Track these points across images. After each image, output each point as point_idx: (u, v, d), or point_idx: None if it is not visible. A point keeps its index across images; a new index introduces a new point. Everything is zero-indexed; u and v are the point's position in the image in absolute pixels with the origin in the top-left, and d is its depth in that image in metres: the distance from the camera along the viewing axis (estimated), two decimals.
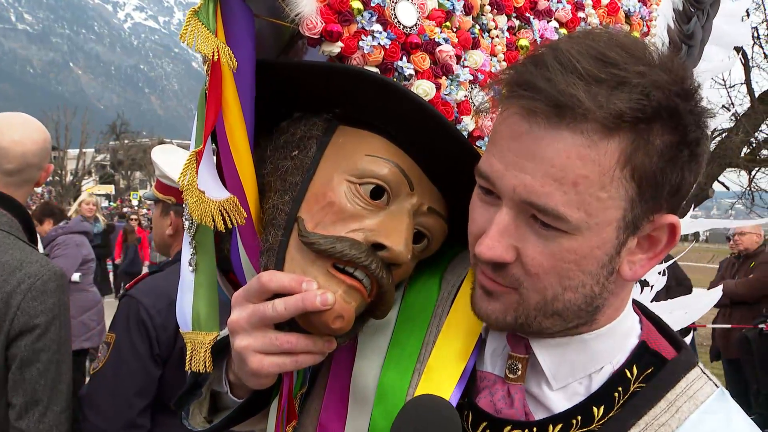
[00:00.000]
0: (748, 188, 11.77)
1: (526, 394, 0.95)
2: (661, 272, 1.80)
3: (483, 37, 1.18)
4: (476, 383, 1.00)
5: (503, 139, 0.85)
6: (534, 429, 0.92)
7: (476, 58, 1.14)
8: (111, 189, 52.40)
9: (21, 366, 2.13)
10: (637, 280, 1.25)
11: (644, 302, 1.13)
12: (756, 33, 10.85)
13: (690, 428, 0.88)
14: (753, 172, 11.71)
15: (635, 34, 1.39)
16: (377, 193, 1.02)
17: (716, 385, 0.94)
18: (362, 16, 1.04)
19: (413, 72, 1.06)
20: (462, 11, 1.15)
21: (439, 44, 1.09)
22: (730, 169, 11.45)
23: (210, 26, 0.98)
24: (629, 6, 1.40)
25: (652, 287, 1.76)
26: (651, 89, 0.79)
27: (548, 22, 1.27)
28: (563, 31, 1.29)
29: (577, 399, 0.93)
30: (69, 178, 49.56)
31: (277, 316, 0.95)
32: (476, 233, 0.90)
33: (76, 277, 6.07)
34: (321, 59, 1.06)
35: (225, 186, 1.07)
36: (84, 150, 54.79)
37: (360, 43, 1.03)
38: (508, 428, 0.93)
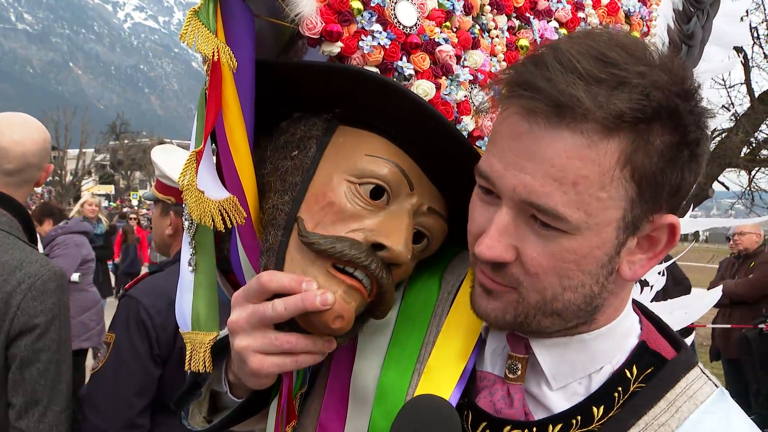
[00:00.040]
0: (748, 188, 11.78)
1: (526, 394, 0.95)
2: (661, 272, 1.80)
3: (483, 37, 1.18)
4: (476, 383, 0.99)
5: (503, 139, 0.85)
6: (534, 429, 0.92)
7: (476, 58, 1.14)
8: (111, 189, 52.45)
9: (21, 366, 2.13)
10: (637, 281, 1.25)
11: (644, 302, 1.12)
12: (756, 33, 10.85)
13: (690, 428, 0.88)
14: (753, 172, 11.72)
15: (635, 34, 1.39)
16: (377, 193, 1.02)
17: (716, 385, 0.94)
18: (362, 16, 1.04)
19: (413, 72, 1.06)
20: (462, 11, 1.15)
21: (439, 44, 1.09)
22: (730, 169, 11.46)
23: (210, 26, 0.98)
24: (629, 6, 1.40)
25: (652, 287, 1.76)
26: (651, 89, 0.78)
27: (548, 22, 1.27)
28: (563, 31, 1.29)
29: (577, 399, 0.93)
30: (69, 178, 49.57)
31: (277, 317, 0.95)
32: (476, 233, 0.90)
33: (76, 277, 6.07)
34: (321, 59, 1.06)
35: (225, 186, 1.07)
36: (84, 150, 54.80)
37: (360, 43, 1.03)
38: (508, 428, 0.93)
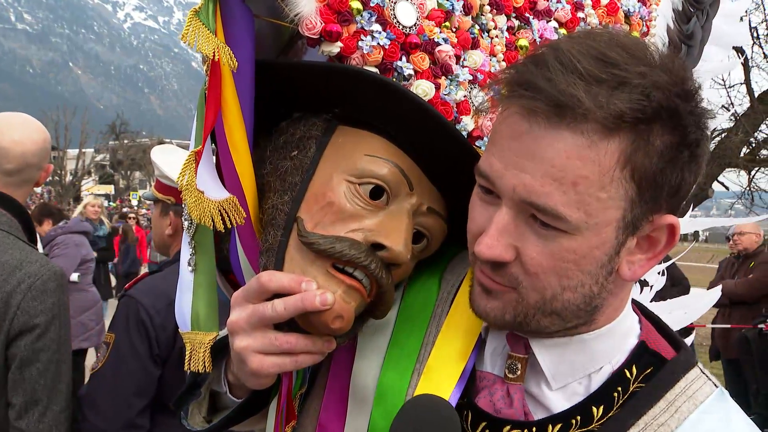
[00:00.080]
0: (748, 188, 11.78)
1: (526, 394, 0.95)
2: (661, 272, 1.80)
3: (482, 37, 1.18)
4: (476, 383, 0.99)
5: (503, 139, 0.85)
6: (533, 429, 0.92)
7: (475, 58, 1.14)
8: (110, 189, 52.45)
9: (21, 366, 2.13)
10: (636, 281, 1.25)
11: (643, 302, 1.13)
12: (755, 33, 10.85)
13: (689, 428, 0.88)
14: (752, 172, 11.72)
15: (635, 34, 1.39)
16: (377, 193, 1.02)
17: (715, 385, 0.94)
18: (361, 16, 1.04)
19: (412, 72, 1.06)
20: (461, 11, 1.15)
21: (439, 44, 1.09)
22: (730, 169, 11.46)
23: (210, 26, 0.98)
24: (629, 6, 1.40)
25: (652, 287, 1.76)
26: (651, 90, 0.78)
27: (548, 22, 1.27)
28: (563, 31, 1.29)
29: (577, 399, 0.93)
30: (68, 178, 49.57)
31: (277, 317, 0.95)
32: (476, 232, 0.90)
33: (75, 277, 6.07)
34: (320, 59, 1.06)
35: (224, 186, 1.07)
36: (83, 150, 54.80)
37: (359, 43, 1.03)
38: (508, 428, 0.93)
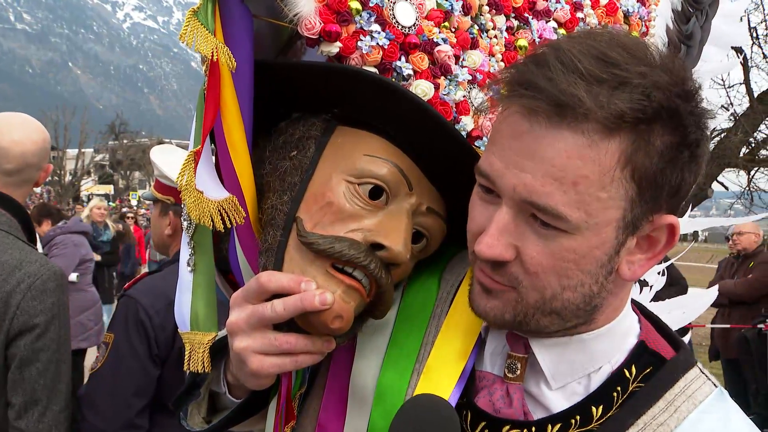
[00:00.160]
0: (747, 188, 11.79)
1: (525, 394, 0.95)
2: (661, 272, 1.80)
3: (481, 38, 1.18)
4: (475, 383, 0.99)
5: (504, 138, 0.85)
6: (533, 428, 0.92)
7: (475, 58, 1.14)
8: (110, 189, 52.43)
9: (20, 365, 2.13)
10: (636, 281, 1.25)
11: (643, 302, 1.13)
12: (755, 33, 10.86)
13: (688, 428, 0.88)
14: (752, 172, 11.73)
15: (634, 35, 1.39)
16: (376, 193, 1.02)
17: (715, 385, 0.94)
18: (361, 17, 1.04)
19: (412, 72, 1.06)
20: (460, 11, 1.15)
21: (438, 44, 1.09)
22: (729, 169, 11.46)
23: (209, 26, 0.98)
24: (628, 6, 1.40)
25: (652, 287, 1.76)
26: (652, 90, 0.79)
27: (547, 23, 1.27)
28: (562, 32, 1.29)
29: (576, 399, 0.93)
30: (68, 178, 49.58)
31: (276, 317, 0.95)
32: (476, 232, 0.90)
33: (74, 277, 6.07)
34: (320, 59, 1.06)
35: (223, 186, 1.07)
36: (83, 150, 54.80)
37: (358, 43, 1.03)
38: (507, 428, 0.93)
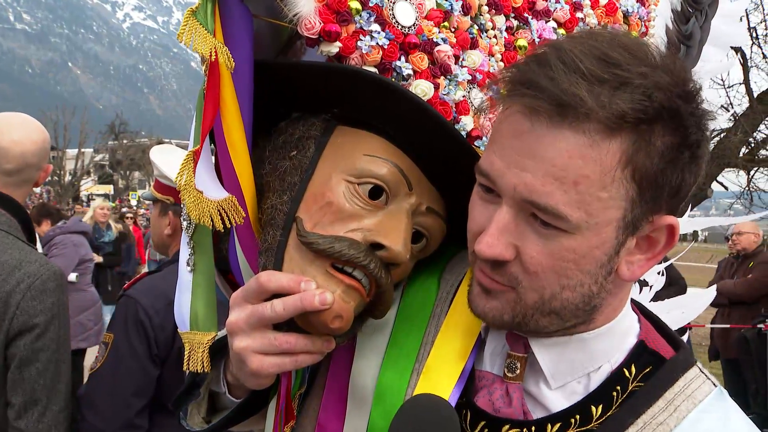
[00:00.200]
0: (747, 188, 11.79)
1: (525, 393, 0.95)
2: (660, 272, 1.80)
3: (481, 37, 1.18)
4: (475, 382, 0.99)
5: (504, 137, 0.85)
6: (532, 428, 0.92)
7: (474, 58, 1.15)
8: (110, 189, 52.37)
9: (20, 365, 2.13)
10: (635, 281, 1.25)
11: (642, 302, 1.13)
12: (754, 33, 10.86)
13: (688, 427, 0.88)
14: (751, 172, 11.73)
15: (633, 35, 1.39)
16: (376, 193, 1.02)
17: (714, 384, 0.94)
18: (360, 16, 1.04)
19: (411, 72, 1.06)
20: (460, 11, 1.15)
21: (438, 44, 1.09)
22: (729, 169, 11.47)
23: (208, 26, 0.98)
24: (627, 6, 1.40)
25: (651, 287, 1.76)
26: (653, 90, 0.79)
27: (546, 23, 1.27)
28: (561, 32, 1.29)
29: (576, 398, 0.93)
30: (68, 178, 49.57)
31: (276, 317, 0.95)
32: (476, 231, 0.90)
33: (73, 277, 6.07)
34: (319, 59, 1.06)
35: (223, 186, 1.07)
36: (83, 150, 54.78)
37: (358, 43, 1.03)
38: (507, 427, 0.93)
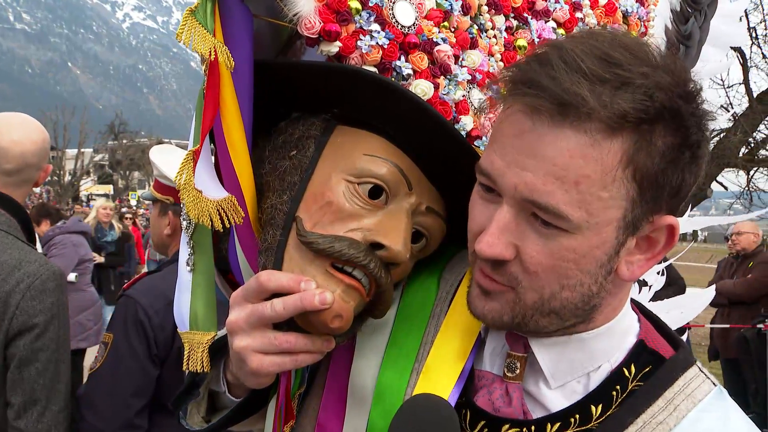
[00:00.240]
0: (747, 188, 11.80)
1: (525, 393, 0.95)
2: (660, 272, 1.81)
3: (481, 37, 1.18)
4: (474, 382, 0.99)
5: (505, 137, 0.85)
6: (532, 428, 0.92)
7: (474, 58, 1.15)
8: (109, 189, 52.35)
9: (20, 365, 2.13)
10: (635, 281, 1.25)
11: (642, 302, 1.13)
12: (754, 33, 10.87)
13: (688, 426, 0.88)
14: (751, 172, 11.74)
15: (633, 35, 1.39)
16: (376, 193, 1.02)
17: (714, 384, 0.94)
18: (360, 16, 1.04)
19: (411, 71, 1.06)
20: (460, 11, 1.15)
21: (437, 44, 1.09)
22: (729, 169, 11.47)
23: (208, 26, 0.98)
24: (627, 6, 1.40)
25: (651, 287, 1.77)
26: (654, 90, 0.79)
27: (546, 23, 1.27)
28: (561, 32, 1.29)
29: (576, 398, 0.93)
30: (67, 178, 49.56)
31: (276, 316, 0.95)
32: (476, 230, 0.90)
33: (72, 277, 6.07)
34: (319, 59, 1.06)
35: (223, 186, 1.07)
36: (82, 150, 54.74)
37: (358, 43, 1.03)
38: (506, 427, 0.93)
